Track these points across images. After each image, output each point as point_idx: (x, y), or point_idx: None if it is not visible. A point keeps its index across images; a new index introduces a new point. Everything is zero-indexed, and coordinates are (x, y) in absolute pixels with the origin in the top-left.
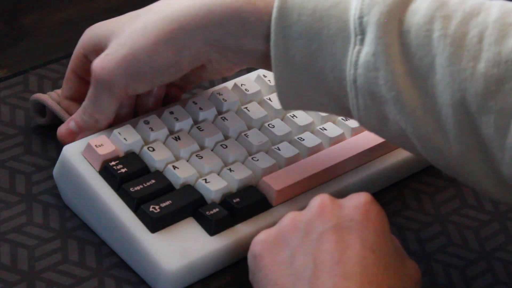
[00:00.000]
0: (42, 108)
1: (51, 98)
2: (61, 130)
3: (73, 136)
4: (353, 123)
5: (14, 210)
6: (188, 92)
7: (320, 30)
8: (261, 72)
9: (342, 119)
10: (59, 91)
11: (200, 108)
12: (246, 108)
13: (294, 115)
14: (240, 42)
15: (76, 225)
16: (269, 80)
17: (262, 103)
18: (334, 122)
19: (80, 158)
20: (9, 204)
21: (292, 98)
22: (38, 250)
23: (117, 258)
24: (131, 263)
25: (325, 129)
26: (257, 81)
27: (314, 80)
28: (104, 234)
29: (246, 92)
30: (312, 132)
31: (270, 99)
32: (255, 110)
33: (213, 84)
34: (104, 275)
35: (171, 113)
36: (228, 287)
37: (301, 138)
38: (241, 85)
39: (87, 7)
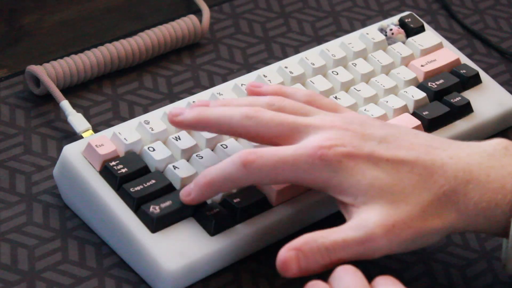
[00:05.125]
0: (37, 79)
1: (46, 71)
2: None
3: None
4: None
5: (14, 210)
6: (188, 92)
7: None
8: (261, 72)
9: None
10: (55, 62)
11: None
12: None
13: None
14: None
15: (76, 225)
16: (270, 80)
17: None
18: None
19: (80, 158)
20: (9, 204)
21: None
22: (38, 250)
23: (117, 258)
24: (131, 263)
25: None
26: (257, 81)
27: None
28: (104, 234)
29: (246, 92)
30: None
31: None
32: None
33: (213, 84)
34: (104, 275)
35: None
36: (228, 287)
37: None
38: (241, 85)
39: (87, 7)
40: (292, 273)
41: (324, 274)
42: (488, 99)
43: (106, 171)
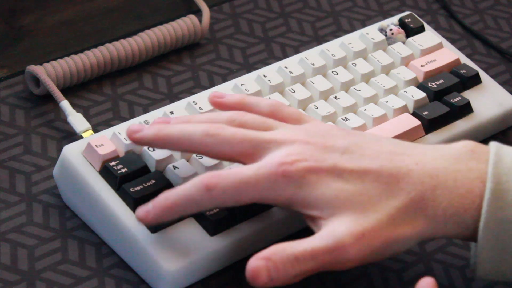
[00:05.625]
0: (37, 79)
1: (46, 71)
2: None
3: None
4: (356, 123)
5: (14, 210)
6: (188, 92)
7: None
8: (261, 72)
9: (342, 118)
10: (55, 62)
11: (200, 108)
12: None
13: None
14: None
15: (76, 225)
16: (269, 80)
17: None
18: (333, 122)
19: (80, 158)
20: (9, 204)
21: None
22: (38, 250)
23: (117, 258)
24: (131, 263)
25: None
26: (257, 81)
27: None
28: (104, 234)
29: (246, 92)
30: None
31: (270, 99)
32: None
33: (213, 84)
34: (104, 275)
35: (171, 113)
36: (228, 287)
37: None
38: (241, 85)
39: (87, 7)
40: (262, 283)
41: (325, 273)
42: (488, 99)
43: (106, 171)
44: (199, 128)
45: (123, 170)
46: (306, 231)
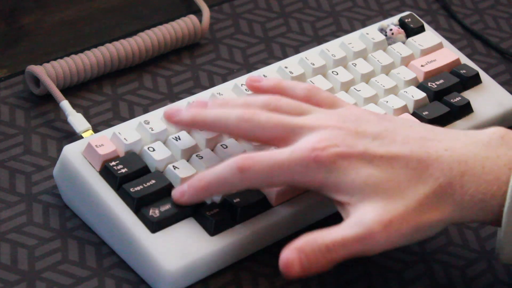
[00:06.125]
0: (37, 79)
1: (46, 71)
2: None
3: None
4: None
5: (14, 210)
6: (188, 92)
7: None
8: (261, 72)
9: None
10: (55, 62)
11: None
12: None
13: None
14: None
15: (76, 225)
16: None
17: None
18: None
19: (80, 158)
20: (9, 204)
21: None
22: (38, 250)
23: (117, 258)
24: (131, 263)
25: None
26: None
27: None
28: (104, 234)
29: (246, 92)
30: None
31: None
32: None
33: (213, 84)
34: (104, 275)
35: None
36: (228, 287)
37: None
38: (241, 85)
39: (87, 7)
40: (295, 273)
41: (325, 273)
42: (488, 99)
43: (106, 171)
44: (234, 113)
45: (123, 170)
46: (306, 231)
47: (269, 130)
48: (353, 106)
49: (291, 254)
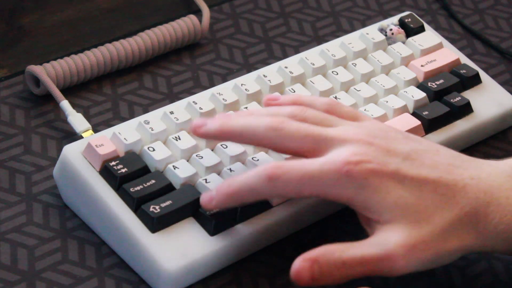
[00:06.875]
0: (37, 79)
1: (46, 71)
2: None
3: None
4: None
5: (14, 210)
6: (188, 92)
7: None
8: (261, 72)
9: None
10: (55, 62)
11: (200, 108)
12: (246, 108)
13: None
14: None
15: (76, 225)
16: (269, 80)
17: (262, 103)
18: None
19: (80, 158)
20: (9, 204)
21: None
22: (38, 250)
23: (117, 258)
24: (131, 263)
25: None
26: (257, 81)
27: None
28: (104, 234)
29: (246, 92)
30: None
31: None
32: None
33: (213, 84)
34: (104, 275)
35: (171, 113)
36: (228, 287)
37: None
38: (241, 85)
39: (87, 7)
40: (304, 283)
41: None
42: (488, 99)
43: (106, 171)
44: (263, 122)
45: (123, 170)
46: (306, 231)
47: (299, 140)
48: (376, 121)
49: (304, 263)
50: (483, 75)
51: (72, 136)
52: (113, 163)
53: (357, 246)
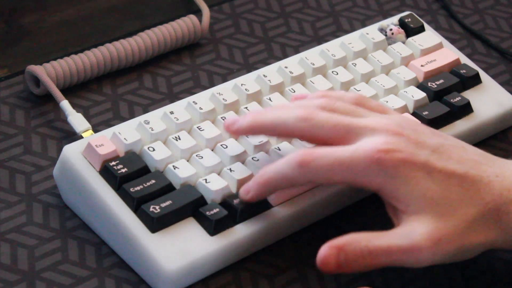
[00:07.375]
0: (37, 79)
1: (46, 71)
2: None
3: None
4: None
5: (14, 210)
6: (188, 92)
7: None
8: (261, 72)
9: None
10: (55, 62)
11: (200, 108)
12: (246, 108)
13: None
14: None
15: (76, 225)
16: (269, 80)
17: (262, 103)
18: None
19: (80, 158)
20: (9, 204)
21: None
22: (38, 250)
23: (117, 258)
24: (131, 263)
25: None
26: (257, 81)
27: None
28: (104, 234)
29: (246, 92)
30: None
31: (270, 99)
32: None
33: (213, 84)
34: (104, 275)
35: (171, 113)
36: (228, 287)
37: None
38: (241, 85)
39: (87, 7)
40: (330, 269)
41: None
42: (488, 99)
43: (106, 171)
44: (293, 113)
45: (123, 170)
46: (307, 231)
47: (329, 129)
48: (405, 115)
49: (330, 251)
50: (483, 75)
51: (72, 136)
52: (113, 163)
53: (384, 236)
